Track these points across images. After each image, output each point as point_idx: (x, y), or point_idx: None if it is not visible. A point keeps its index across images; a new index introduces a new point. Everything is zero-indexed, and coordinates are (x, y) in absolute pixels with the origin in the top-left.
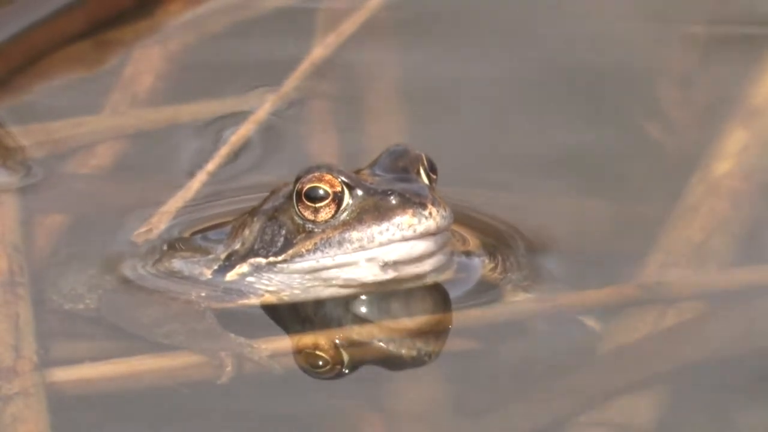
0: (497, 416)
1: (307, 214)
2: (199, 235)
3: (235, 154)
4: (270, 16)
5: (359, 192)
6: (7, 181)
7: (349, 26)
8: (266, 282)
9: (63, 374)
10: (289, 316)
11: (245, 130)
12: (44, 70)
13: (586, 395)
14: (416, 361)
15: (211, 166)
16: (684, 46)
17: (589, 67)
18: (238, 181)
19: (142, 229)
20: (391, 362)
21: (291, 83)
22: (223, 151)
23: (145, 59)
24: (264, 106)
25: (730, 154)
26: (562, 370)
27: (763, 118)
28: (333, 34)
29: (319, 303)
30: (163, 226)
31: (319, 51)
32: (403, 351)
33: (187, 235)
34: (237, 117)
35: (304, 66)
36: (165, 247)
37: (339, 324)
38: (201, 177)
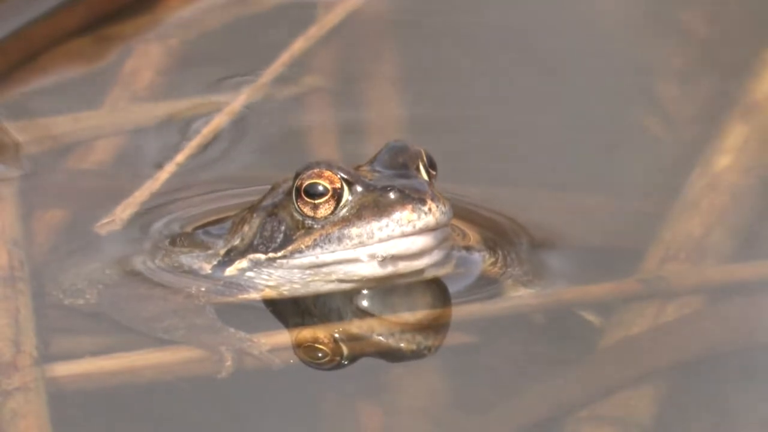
0: (497, 410)
1: (307, 210)
2: (201, 230)
3: (207, 146)
4: (269, 11)
5: (358, 188)
6: (7, 176)
7: (331, 18)
8: (266, 277)
9: (63, 369)
10: (289, 310)
11: (218, 122)
12: (44, 66)
13: (586, 389)
14: (416, 355)
15: (180, 158)
16: (684, 41)
17: (588, 61)
18: (242, 171)
19: (105, 220)
20: (391, 356)
21: (269, 75)
22: (194, 143)
23: (145, 55)
24: (239, 98)
25: (730, 149)
26: (562, 364)
27: (764, 112)
28: (314, 27)
29: (319, 297)
30: (126, 217)
31: (300, 43)
32: (403, 345)
33: (188, 230)
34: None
35: (284, 58)
36: (166, 243)
37: (339, 318)
38: (169, 168)
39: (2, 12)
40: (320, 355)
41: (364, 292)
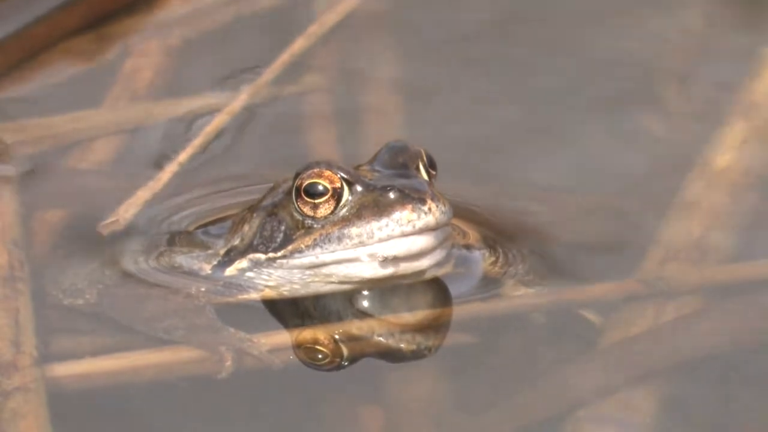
0: (497, 410)
1: (307, 210)
2: (200, 230)
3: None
4: (270, 9)
5: (358, 188)
6: (7, 176)
7: (332, 17)
8: (266, 277)
9: (63, 369)
10: (289, 310)
11: (220, 121)
12: (44, 65)
13: (586, 389)
14: (416, 356)
15: (182, 157)
16: (684, 39)
17: (588, 60)
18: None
19: (109, 220)
20: (392, 357)
21: (270, 74)
22: (197, 142)
23: (145, 53)
24: (240, 97)
25: (729, 148)
26: (562, 364)
27: (763, 111)
28: (314, 25)
29: (318, 298)
30: (129, 217)
31: (300, 42)
32: (403, 345)
33: (188, 229)
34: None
35: (285, 57)
36: (166, 242)
37: (339, 319)
38: (171, 168)
39: (2, 11)
40: (320, 355)
41: (364, 292)
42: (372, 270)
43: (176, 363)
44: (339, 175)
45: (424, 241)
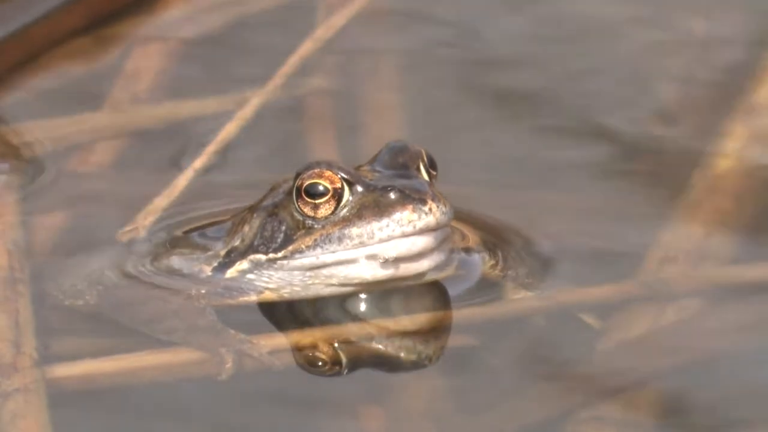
0: (497, 413)
1: (307, 211)
2: (201, 232)
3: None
4: (270, 10)
5: (359, 188)
6: (7, 178)
7: (339, 19)
8: (266, 279)
9: (63, 370)
10: (290, 313)
11: (233, 126)
12: (44, 67)
13: (586, 392)
14: (417, 358)
15: (198, 163)
16: (684, 42)
17: (589, 63)
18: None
19: (128, 228)
20: (392, 359)
21: (278, 80)
22: (211, 149)
23: (146, 55)
24: (252, 101)
25: (731, 151)
26: (562, 366)
27: (764, 114)
28: (322, 28)
29: (319, 300)
30: (148, 224)
31: (308, 45)
32: (404, 348)
33: (188, 231)
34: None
35: (293, 60)
36: (166, 244)
37: (339, 321)
38: (188, 174)
39: (2, 12)
40: (321, 357)
41: (364, 295)
42: (372, 271)
43: (176, 365)
44: (339, 176)
45: (424, 241)
